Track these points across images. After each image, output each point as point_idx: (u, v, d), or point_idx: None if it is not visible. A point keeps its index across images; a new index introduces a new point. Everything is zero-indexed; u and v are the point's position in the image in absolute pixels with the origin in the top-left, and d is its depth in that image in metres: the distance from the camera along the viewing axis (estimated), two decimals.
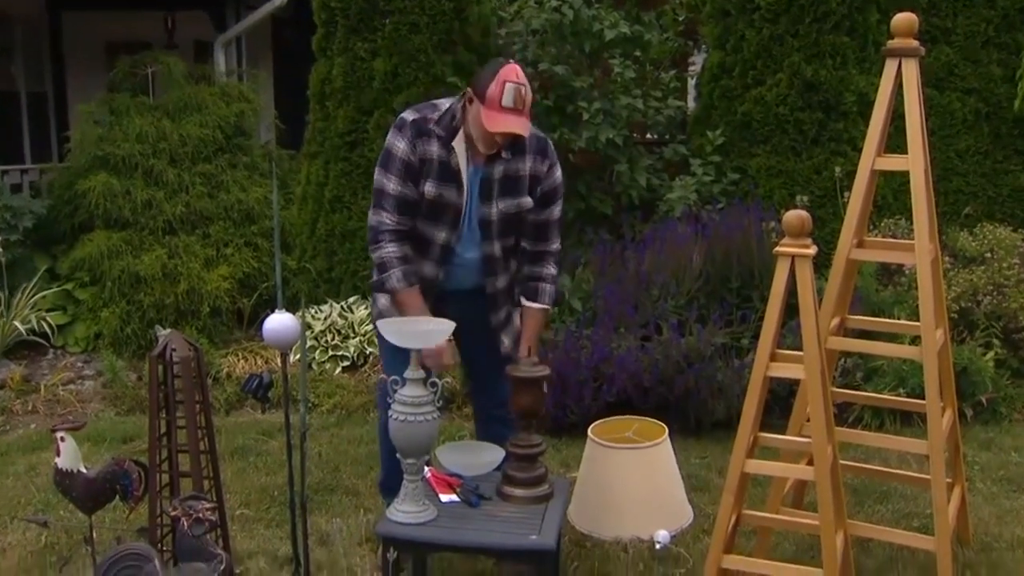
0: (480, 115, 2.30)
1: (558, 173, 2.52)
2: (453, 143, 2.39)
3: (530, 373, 2.29)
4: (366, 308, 5.07)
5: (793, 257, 2.24)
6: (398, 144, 2.39)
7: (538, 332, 2.55)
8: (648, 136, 5.30)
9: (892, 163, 2.50)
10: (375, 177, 2.46)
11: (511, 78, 2.28)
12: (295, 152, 6.02)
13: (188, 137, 5.48)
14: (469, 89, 2.36)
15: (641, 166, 4.89)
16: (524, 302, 2.56)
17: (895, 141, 2.65)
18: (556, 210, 2.55)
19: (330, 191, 5.26)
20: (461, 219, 2.45)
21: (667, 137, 5.27)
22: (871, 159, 2.50)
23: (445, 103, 2.44)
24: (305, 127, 5.42)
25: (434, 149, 2.39)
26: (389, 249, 2.41)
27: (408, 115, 2.42)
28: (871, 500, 3.16)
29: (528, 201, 2.46)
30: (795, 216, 2.24)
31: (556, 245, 2.57)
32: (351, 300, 5.09)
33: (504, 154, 2.42)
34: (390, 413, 2.17)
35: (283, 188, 5.83)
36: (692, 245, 4.30)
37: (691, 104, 5.63)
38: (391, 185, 2.41)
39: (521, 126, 2.30)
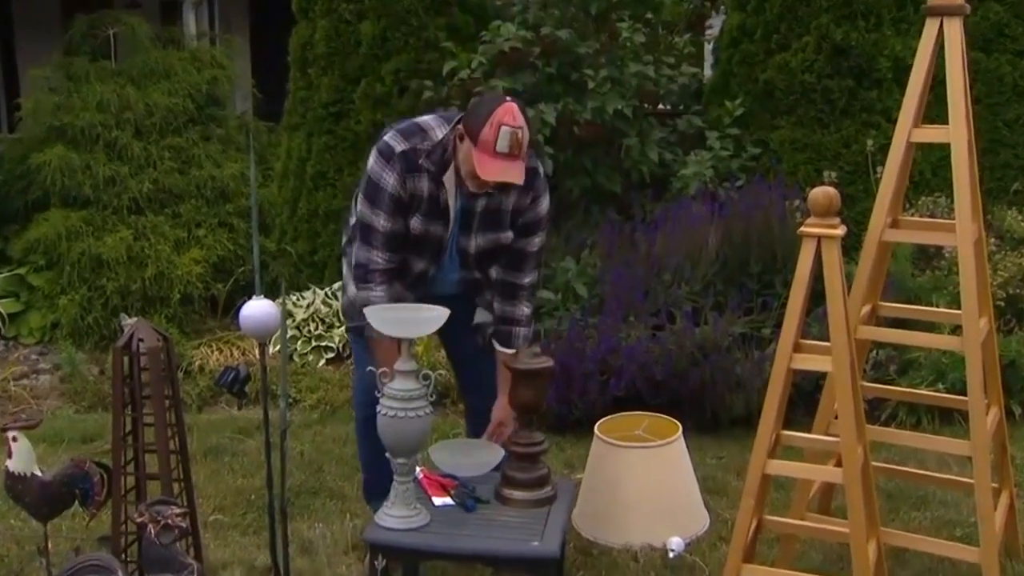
0: (471, 156, 2.30)
1: (543, 205, 2.52)
2: (444, 178, 2.40)
3: (531, 365, 2.28)
4: None
5: (819, 238, 2.23)
6: (386, 178, 2.38)
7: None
8: (660, 107, 5.27)
9: (931, 134, 2.48)
10: (360, 210, 2.45)
11: (507, 121, 2.27)
12: (274, 124, 5.99)
13: (155, 106, 5.43)
14: (461, 126, 2.35)
15: (652, 139, 4.87)
16: (497, 347, 2.58)
17: (935, 110, 2.61)
18: (536, 240, 2.54)
19: (313, 167, 5.24)
20: (443, 250, 2.49)
21: (681, 108, 5.25)
22: (907, 130, 2.48)
23: (433, 127, 2.41)
24: (285, 97, 5.40)
25: (424, 185, 2.40)
26: (378, 293, 2.42)
27: (395, 143, 2.40)
28: (907, 506, 3.15)
29: (508, 236, 2.48)
30: (822, 193, 2.23)
31: (530, 278, 2.56)
32: (336, 286, 5.08)
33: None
34: (379, 408, 2.17)
35: (261, 163, 5.82)
36: (708, 226, 4.29)
37: (707, 71, 5.60)
38: (380, 222, 2.41)
39: (516, 173, 2.29)
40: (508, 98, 2.34)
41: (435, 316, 2.16)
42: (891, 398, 3.49)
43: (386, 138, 2.42)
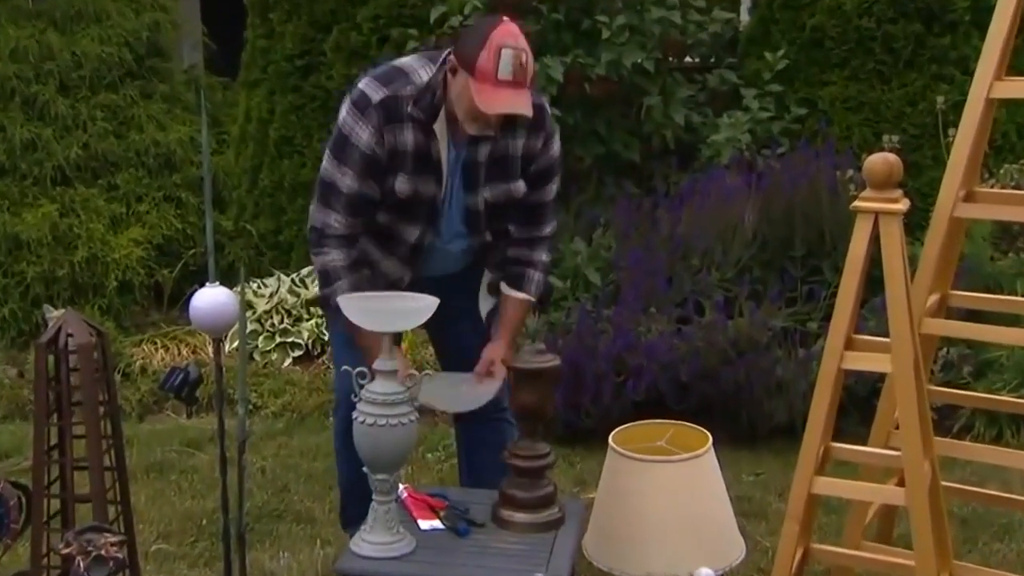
0: (469, 91, 2.27)
1: (556, 146, 2.53)
2: (434, 126, 2.38)
3: (534, 364, 2.28)
4: None
5: (877, 214, 2.23)
6: (359, 133, 2.36)
7: (518, 329, 2.59)
8: (687, 60, 5.26)
9: (1017, 88, 2.47)
10: (324, 166, 2.44)
11: (507, 42, 2.25)
12: (230, 80, 6.00)
13: (84, 56, 5.38)
14: (452, 57, 2.33)
15: (678, 99, 4.87)
16: (505, 289, 2.58)
17: (1021, 60, 2.58)
18: (552, 188, 2.57)
19: (277, 130, 5.25)
20: (439, 212, 2.48)
21: (712, 61, 5.24)
22: (987, 84, 2.45)
23: (416, 68, 2.39)
24: (242, 47, 5.39)
25: (408, 138, 2.38)
26: (333, 256, 2.43)
27: (372, 92, 2.36)
28: (987, 535, 3.14)
29: (521, 187, 2.50)
30: (880, 161, 2.23)
31: (549, 229, 2.60)
32: (305, 272, 5.10)
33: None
34: (355, 415, 2.16)
35: (214, 126, 5.82)
36: (744, 201, 4.30)
37: (744, 17, 5.58)
38: (347, 181, 2.40)
39: (523, 103, 2.28)
40: (504, 18, 2.31)
41: (422, 306, 2.16)
42: (965, 405, 3.48)
43: (361, 86, 2.39)
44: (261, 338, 4.72)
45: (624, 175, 4.82)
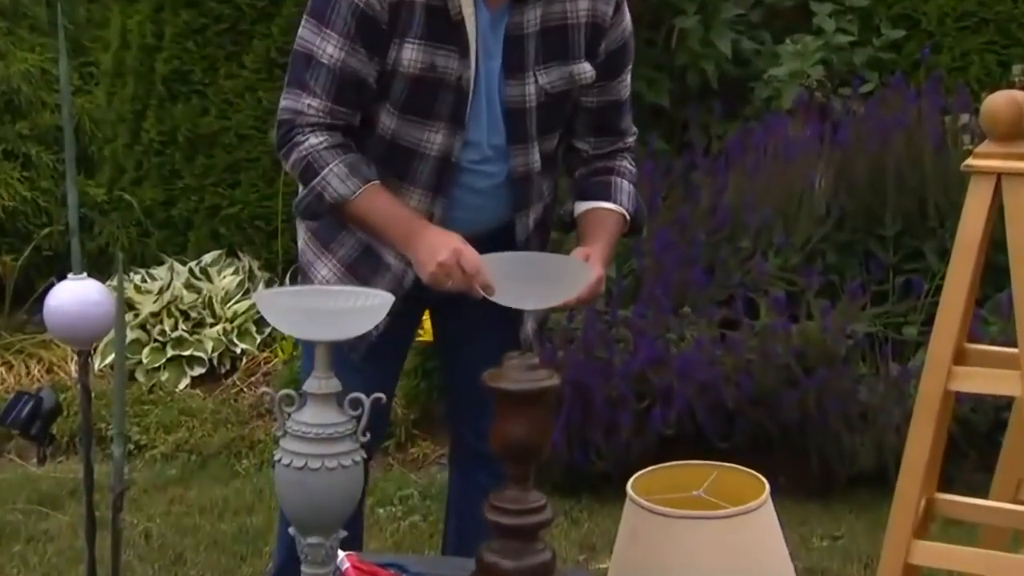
0: None
1: (628, 17, 2.59)
2: None
3: (524, 384, 2.29)
4: (235, 271, 5.11)
5: (999, 176, 2.24)
6: None
7: (610, 248, 2.59)
8: None
9: None
10: (299, 34, 2.46)
11: None
12: None
13: None
14: None
15: (722, 19, 4.88)
16: (585, 204, 2.63)
17: None
18: (628, 82, 2.63)
19: (167, 62, 5.25)
20: (468, 109, 2.49)
21: None
22: None
23: None
24: None
25: None
26: (311, 142, 2.45)
27: None
28: None
29: (587, 71, 2.54)
30: (1005, 102, 2.24)
31: (631, 138, 2.71)
32: (208, 258, 5.13)
33: None
34: (275, 454, 2.18)
35: (77, 55, 5.79)
36: (814, 159, 4.33)
37: None
38: (329, 49, 2.41)
39: None
40: None
41: (374, 305, 2.17)
42: None
43: None
44: (147, 351, 4.73)
45: (650, 125, 4.83)
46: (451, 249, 2.36)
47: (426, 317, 2.84)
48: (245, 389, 4.64)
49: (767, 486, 2.28)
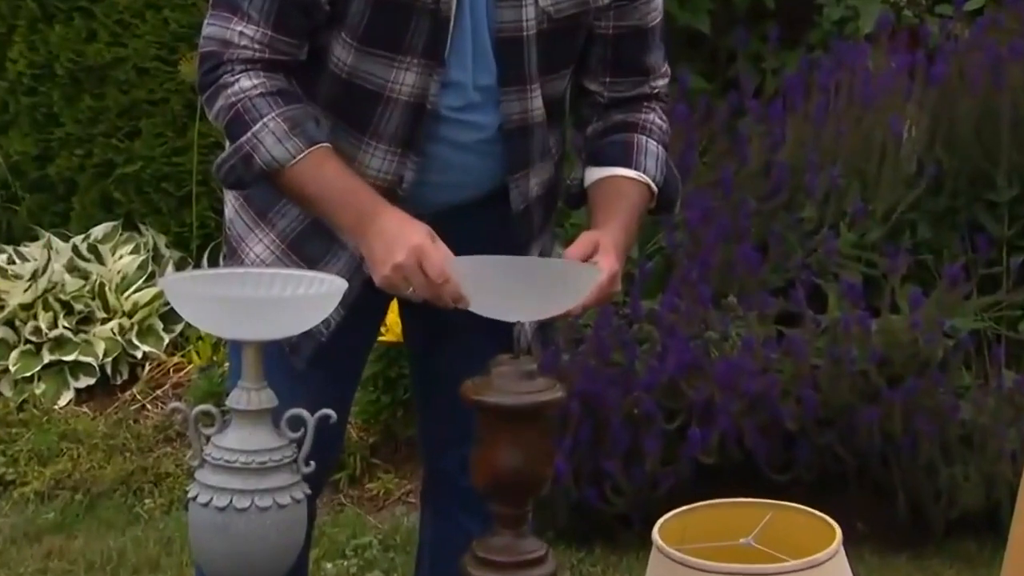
0: None
1: None
2: None
3: (519, 397, 2.30)
4: (135, 249, 5.12)
5: None
6: None
7: (629, 232, 2.60)
8: None
9: None
10: None
11: None
12: None
13: None
14: None
15: None
16: (597, 171, 2.64)
17: None
18: (658, 6, 2.66)
19: None
20: (449, 39, 2.50)
21: None
22: None
23: None
24: None
25: None
26: (244, 84, 2.46)
27: None
28: None
29: None
30: None
31: (661, 81, 2.73)
32: (98, 232, 5.15)
33: None
34: (190, 490, 2.19)
35: None
36: (901, 101, 4.32)
37: None
38: None
39: None
40: None
41: (322, 294, 2.18)
42: None
43: None
44: (16, 355, 4.74)
45: (682, 58, 4.84)
46: (411, 247, 2.37)
47: (393, 309, 2.84)
48: (149, 405, 4.64)
49: (839, 532, 2.29)
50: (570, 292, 2.38)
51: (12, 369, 4.70)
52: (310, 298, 2.20)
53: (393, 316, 2.99)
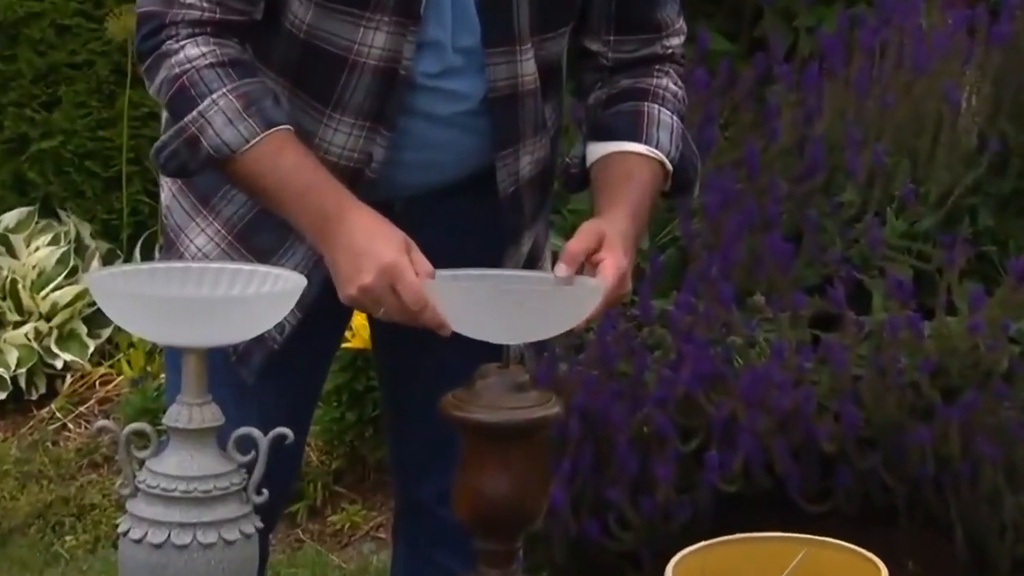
0: None
1: None
2: None
3: (505, 412, 2.32)
4: (54, 239, 5.13)
5: None
6: None
7: (639, 220, 2.59)
8: None
9: None
10: None
11: None
12: None
13: None
14: None
15: None
16: (601, 147, 2.65)
17: None
18: None
19: None
20: None
21: None
22: None
23: None
24: None
25: None
26: (190, 53, 2.47)
27: None
28: None
29: None
30: None
31: (677, 40, 2.76)
32: (10, 220, 5.17)
33: None
34: (120, 525, 2.21)
35: None
36: (958, 66, 4.33)
37: None
38: None
39: None
40: None
41: (277, 293, 2.19)
42: None
43: None
44: None
45: (700, 15, 4.86)
46: (382, 267, 2.35)
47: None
48: (70, 425, 4.65)
49: (885, 573, 2.30)
50: (570, 311, 2.40)
51: None
52: (262, 298, 2.20)
53: (360, 319, 3.00)
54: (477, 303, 2.36)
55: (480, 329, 2.35)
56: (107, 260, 5.04)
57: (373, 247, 2.36)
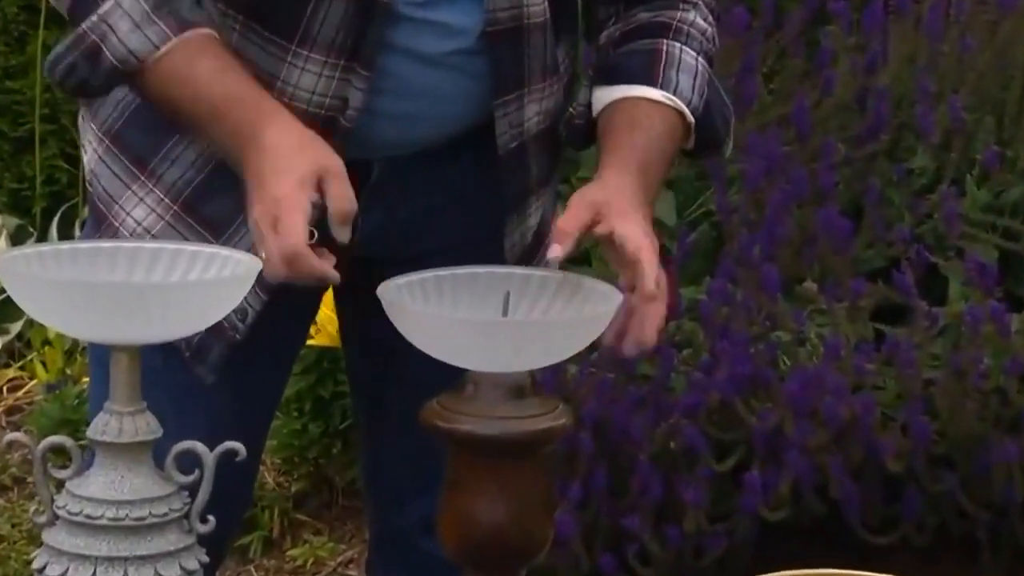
0: None
1: None
2: None
3: (501, 423, 2.33)
4: None
5: None
6: None
7: (654, 175, 2.59)
8: None
9: None
10: None
11: None
12: None
13: None
14: None
15: None
16: (610, 91, 2.66)
17: None
18: None
19: None
20: None
21: None
22: None
23: None
24: None
25: None
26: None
27: None
28: None
29: None
30: None
31: None
32: None
33: None
34: (35, 559, 2.22)
35: None
36: None
37: None
38: None
39: None
40: None
41: (228, 279, 2.20)
42: None
43: None
44: None
45: None
46: (268, 200, 2.35)
47: (327, 302, 2.86)
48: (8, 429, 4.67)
49: None
50: (575, 337, 2.37)
51: None
52: (207, 285, 2.20)
53: (326, 311, 3.01)
54: (453, 334, 2.35)
55: (458, 357, 2.34)
56: (17, 239, 5.06)
57: (277, 172, 2.38)
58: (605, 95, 2.65)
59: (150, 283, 2.20)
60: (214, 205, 2.58)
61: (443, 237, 2.42)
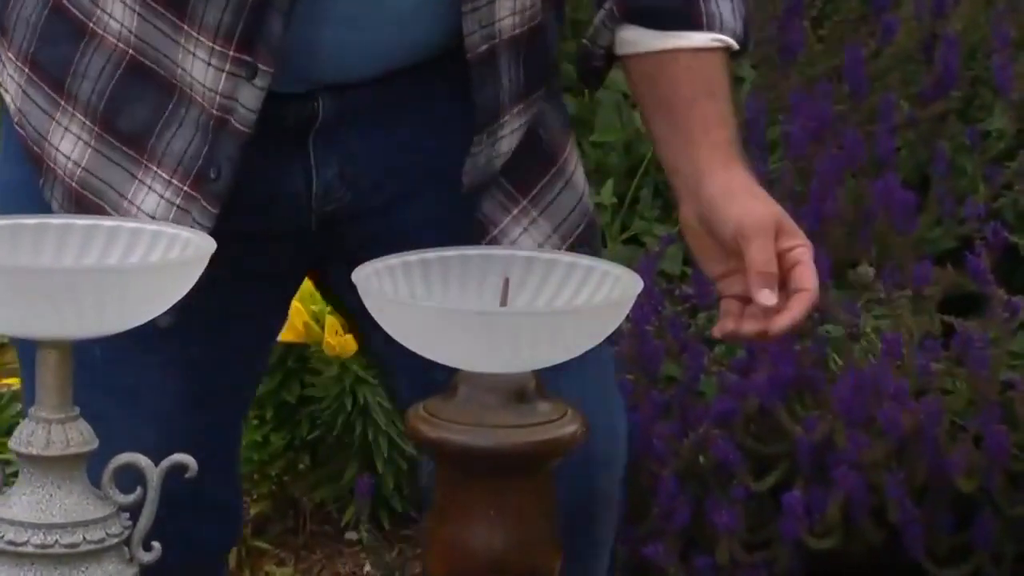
0: None
1: None
2: None
3: (502, 431, 2.34)
4: None
5: None
6: None
7: (721, 119, 2.61)
8: None
9: None
10: None
11: None
12: None
13: None
14: None
15: None
16: (646, 39, 2.66)
17: None
18: None
19: None
20: None
21: None
22: None
23: None
24: None
25: None
26: None
27: None
28: None
29: None
30: None
31: None
32: None
33: None
34: None
35: None
36: None
37: None
38: None
39: None
40: None
41: (172, 263, 2.21)
42: None
43: None
44: None
45: None
46: None
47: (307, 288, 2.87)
48: None
49: None
50: (592, 326, 2.38)
51: None
52: (150, 269, 2.22)
53: (295, 301, 3.00)
54: (441, 327, 2.35)
55: (447, 354, 2.34)
56: None
57: None
58: (639, 40, 2.66)
59: (82, 267, 2.21)
60: (130, 111, 2.59)
61: (404, 174, 2.42)
